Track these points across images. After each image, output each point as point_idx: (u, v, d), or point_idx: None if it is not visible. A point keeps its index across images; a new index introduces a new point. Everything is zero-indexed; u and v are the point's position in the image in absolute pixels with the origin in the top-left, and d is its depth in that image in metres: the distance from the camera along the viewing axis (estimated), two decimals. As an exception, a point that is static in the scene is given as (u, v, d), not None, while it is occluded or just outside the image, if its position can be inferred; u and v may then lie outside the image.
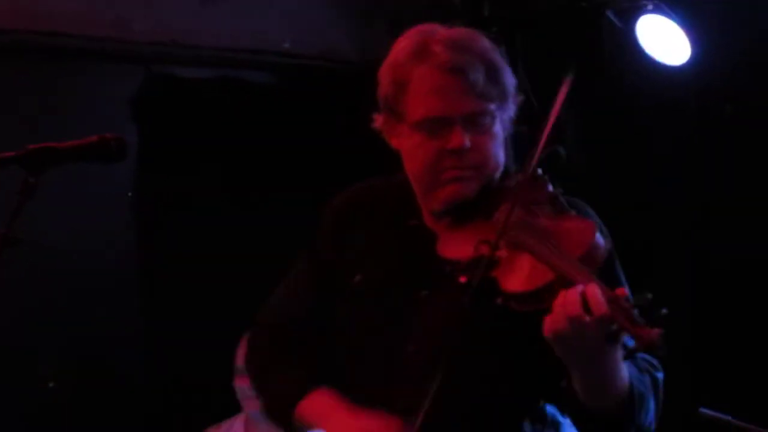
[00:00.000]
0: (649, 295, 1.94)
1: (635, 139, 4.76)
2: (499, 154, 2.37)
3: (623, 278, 2.37)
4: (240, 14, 4.98)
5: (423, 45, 2.37)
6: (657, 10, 4.29)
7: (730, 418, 3.42)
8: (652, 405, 2.23)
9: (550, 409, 2.41)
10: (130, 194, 4.98)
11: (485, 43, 2.37)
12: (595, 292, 1.96)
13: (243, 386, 4.30)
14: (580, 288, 1.97)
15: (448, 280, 2.24)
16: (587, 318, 1.95)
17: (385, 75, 2.44)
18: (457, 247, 2.28)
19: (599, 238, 2.15)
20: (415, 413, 2.16)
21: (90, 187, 4.57)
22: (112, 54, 4.87)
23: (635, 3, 4.30)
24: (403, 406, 2.25)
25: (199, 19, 4.91)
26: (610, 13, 4.37)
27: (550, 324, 2.01)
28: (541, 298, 2.06)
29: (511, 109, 2.41)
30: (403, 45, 2.42)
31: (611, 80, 4.51)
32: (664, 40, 4.36)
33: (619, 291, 1.98)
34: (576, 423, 2.30)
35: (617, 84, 4.58)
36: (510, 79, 2.38)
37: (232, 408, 4.42)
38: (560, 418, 2.42)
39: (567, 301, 1.98)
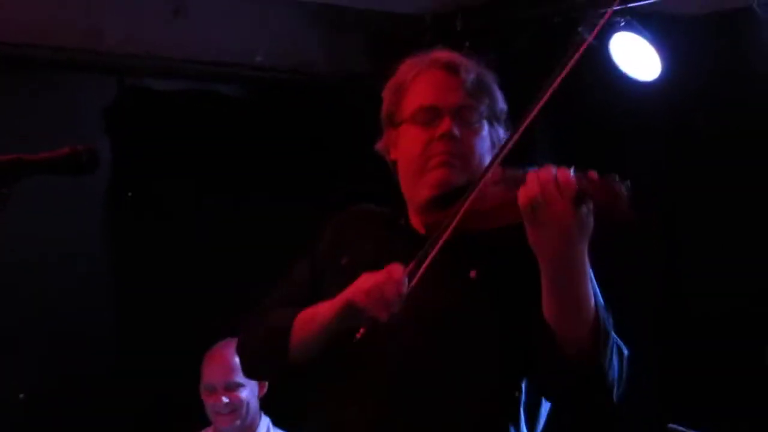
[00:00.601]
0: (616, 176, 2.09)
1: (608, 155, 4.78)
2: (485, 157, 2.46)
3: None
4: (213, 27, 4.98)
5: (424, 55, 2.55)
6: (628, 26, 4.31)
7: (698, 432, 3.45)
8: (616, 361, 2.25)
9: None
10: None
11: (484, 67, 2.55)
12: (564, 168, 2.12)
13: (211, 403, 4.30)
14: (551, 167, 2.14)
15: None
16: (557, 182, 2.09)
17: (388, 89, 2.58)
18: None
19: None
20: (415, 260, 2.27)
21: (63, 200, 4.55)
22: (85, 65, 4.86)
23: (608, 20, 4.32)
24: (382, 371, 2.35)
25: (172, 31, 4.91)
26: (582, 29, 4.39)
27: (523, 191, 2.13)
28: (513, 204, 2.16)
29: (499, 131, 2.51)
30: (406, 61, 2.58)
31: (584, 96, 4.53)
32: (635, 56, 4.39)
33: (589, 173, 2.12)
34: (546, 366, 2.30)
35: (590, 100, 4.60)
36: (501, 102, 2.53)
37: (203, 421, 4.41)
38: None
39: (539, 171, 2.12)
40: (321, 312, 2.41)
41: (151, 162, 5.01)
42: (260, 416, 4.33)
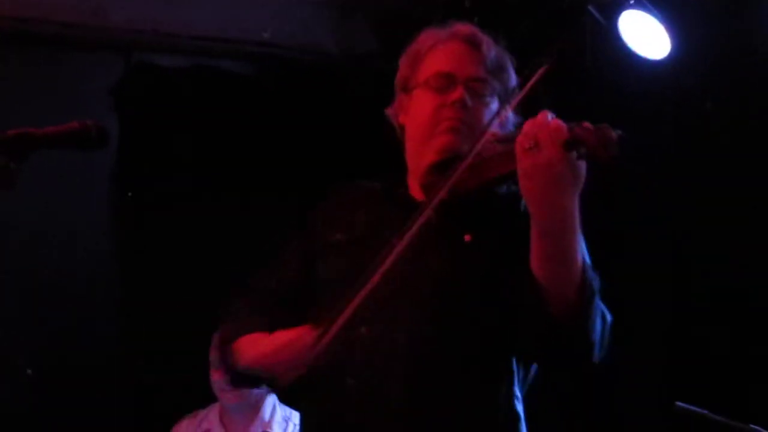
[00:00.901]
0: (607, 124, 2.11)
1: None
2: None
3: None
4: (221, 3, 4.97)
5: (445, 27, 2.60)
6: (638, 5, 4.30)
7: (706, 411, 3.45)
8: (599, 323, 2.25)
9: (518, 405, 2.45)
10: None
11: (502, 47, 2.60)
12: (557, 118, 2.16)
13: (218, 379, 4.30)
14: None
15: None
16: (549, 126, 2.13)
17: (405, 56, 2.63)
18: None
19: None
20: (326, 322, 2.26)
21: (68, 176, 4.55)
22: (91, 42, 4.85)
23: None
24: (375, 345, 2.36)
25: (179, 8, 4.89)
26: (592, 8, 4.39)
27: (519, 137, 2.17)
28: (508, 154, 2.20)
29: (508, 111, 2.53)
30: (426, 31, 2.63)
31: (592, 75, 4.52)
32: (645, 34, 4.38)
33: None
34: (532, 323, 2.29)
35: (598, 78, 4.59)
36: (514, 84, 2.56)
37: (207, 399, 4.41)
38: (520, 410, 2.45)
39: (536, 118, 2.17)
40: (253, 354, 2.47)
41: (159, 138, 5.00)
42: (266, 393, 4.33)
